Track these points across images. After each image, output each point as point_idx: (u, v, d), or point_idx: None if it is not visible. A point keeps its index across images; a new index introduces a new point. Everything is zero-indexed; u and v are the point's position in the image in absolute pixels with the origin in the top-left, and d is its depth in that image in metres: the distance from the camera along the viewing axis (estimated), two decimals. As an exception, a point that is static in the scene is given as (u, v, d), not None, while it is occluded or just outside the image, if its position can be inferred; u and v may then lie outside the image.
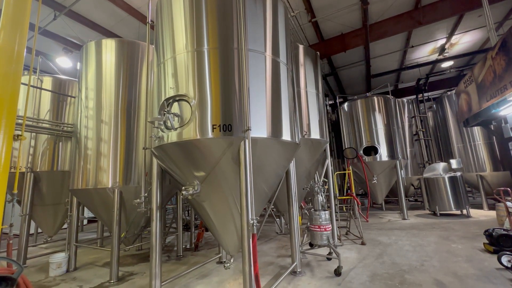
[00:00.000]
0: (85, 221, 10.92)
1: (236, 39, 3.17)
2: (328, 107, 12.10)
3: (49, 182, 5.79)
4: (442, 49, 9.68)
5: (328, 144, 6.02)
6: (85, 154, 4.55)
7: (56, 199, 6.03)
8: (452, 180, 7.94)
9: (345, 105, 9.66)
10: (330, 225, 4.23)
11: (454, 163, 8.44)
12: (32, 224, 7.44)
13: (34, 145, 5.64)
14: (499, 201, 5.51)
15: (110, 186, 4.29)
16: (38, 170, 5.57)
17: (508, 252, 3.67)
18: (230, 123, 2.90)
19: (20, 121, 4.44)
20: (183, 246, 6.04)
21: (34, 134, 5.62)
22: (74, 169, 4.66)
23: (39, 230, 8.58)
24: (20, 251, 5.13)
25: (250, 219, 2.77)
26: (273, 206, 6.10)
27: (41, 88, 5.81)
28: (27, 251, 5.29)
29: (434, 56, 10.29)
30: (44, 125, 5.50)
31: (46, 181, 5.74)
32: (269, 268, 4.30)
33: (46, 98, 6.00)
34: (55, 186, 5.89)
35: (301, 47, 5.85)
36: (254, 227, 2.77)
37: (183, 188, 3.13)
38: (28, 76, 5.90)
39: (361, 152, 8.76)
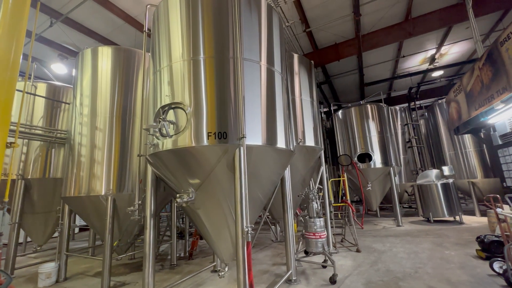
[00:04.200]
0: (77, 230, 10.67)
1: (232, 48, 3.23)
2: (322, 114, 12.26)
3: (41, 190, 5.69)
4: (432, 59, 9.97)
5: (322, 151, 6.08)
6: (78, 161, 4.50)
7: (47, 207, 5.91)
8: (445, 186, 8.05)
9: (340, 112, 9.80)
10: (325, 232, 4.23)
11: (446, 170, 8.57)
12: (21, 233, 7.25)
13: (26, 151, 5.56)
14: (490, 208, 5.60)
15: (103, 193, 4.24)
16: (29, 177, 5.47)
17: (499, 259, 3.72)
18: (225, 130, 2.93)
19: (13, 127, 4.39)
20: (177, 255, 5.94)
21: (27, 140, 5.55)
22: (66, 176, 4.59)
23: (28, 239, 8.35)
24: (8, 261, 4.98)
25: (244, 227, 2.77)
26: (268, 214, 6.08)
27: (35, 95, 5.77)
28: (15, 261, 5.14)
29: (425, 66, 10.58)
30: (37, 131, 5.44)
31: (37, 189, 5.63)
32: (264, 276, 4.27)
33: (40, 104, 5.95)
34: (47, 194, 5.78)
35: (295, 56, 5.96)
36: (249, 234, 2.77)
37: (177, 195, 3.12)
38: (22, 82, 5.86)
39: (356, 159, 8.85)
